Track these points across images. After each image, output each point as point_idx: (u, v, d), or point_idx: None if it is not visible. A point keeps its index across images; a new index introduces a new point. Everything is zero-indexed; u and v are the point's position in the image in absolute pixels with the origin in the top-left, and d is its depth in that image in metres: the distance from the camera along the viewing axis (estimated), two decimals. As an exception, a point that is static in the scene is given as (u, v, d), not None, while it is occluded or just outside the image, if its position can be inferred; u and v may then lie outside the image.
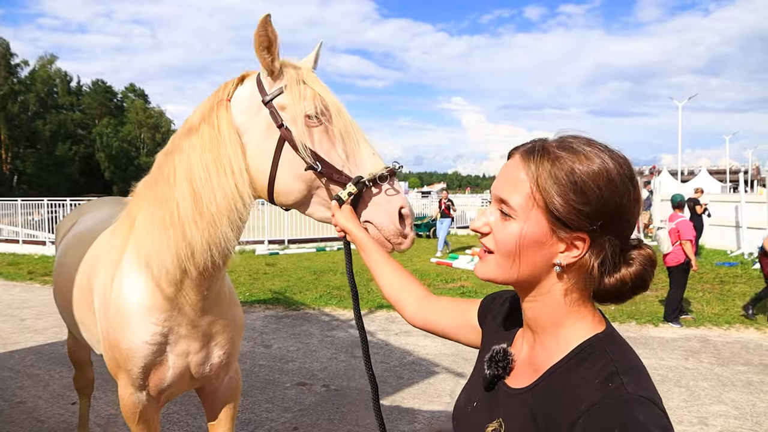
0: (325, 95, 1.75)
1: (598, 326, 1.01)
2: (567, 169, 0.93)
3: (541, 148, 0.97)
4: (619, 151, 0.98)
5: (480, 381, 1.13)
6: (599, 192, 0.92)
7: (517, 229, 0.97)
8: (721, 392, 5.35)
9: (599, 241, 0.96)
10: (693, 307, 8.73)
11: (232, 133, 1.81)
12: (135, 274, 2.08)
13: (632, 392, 0.87)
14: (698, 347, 6.86)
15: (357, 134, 1.73)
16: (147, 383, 2.18)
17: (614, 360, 0.93)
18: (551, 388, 0.97)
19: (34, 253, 16.19)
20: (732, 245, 15.15)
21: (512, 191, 0.98)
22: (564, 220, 0.94)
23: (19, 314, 8.71)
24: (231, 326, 2.30)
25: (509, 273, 1.01)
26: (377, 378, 5.59)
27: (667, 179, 29.52)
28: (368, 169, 1.67)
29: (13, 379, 5.70)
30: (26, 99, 57.73)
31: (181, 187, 1.86)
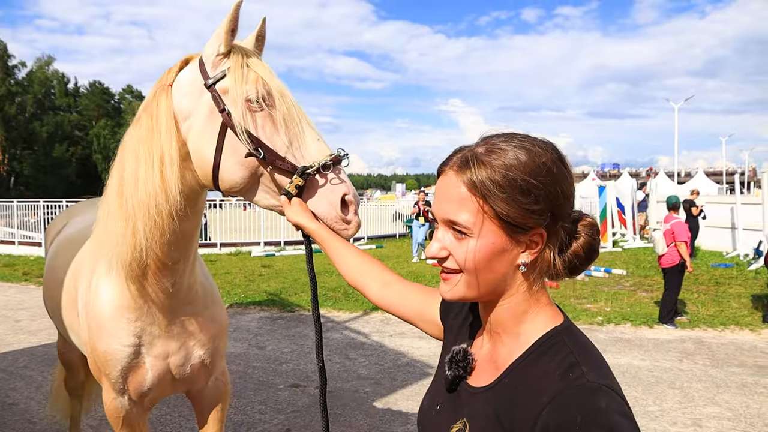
0: (268, 79, 1.69)
1: (555, 319, 1.02)
2: (504, 172, 0.92)
3: (473, 158, 0.95)
4: (541, 137, 1.00)
5: (442, 383, 1.13)
6: (542, 186, 0.93)
7: (476, 245, 0.95)
8: (715, 394, 5.35)
9: (554, 230, 0.98)
10: (688, 309, 8.74)
11: (169, 121, 1.77)
12: (106, 276, 2.08)
13: (593, 381, 0.89)
14: (693, 349, 6.87)
15: (301, 119, 1.68)
16: (127, 387, 2.16)
17: (573, 351, 0.95)
18: (513, 384, 0.97)
19: (30, 255, 16.14)
20: (728, 247, 15.16)
21: (458, 209, 0.96)
22: (517, 223, 0.94)
23: (14, 315, 8.68)
24: (209, 325, 2.27)
25: (479, 289, 1.00)
26: (371, 380, 5.55)
27: (663, 181, 29.61)
28: (313, 156, 1.61)
29: (6, 380, 5.68)
30: (23, 100, 57.66)
31: (112, 181, 1.89)
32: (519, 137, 0.98)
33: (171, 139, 1.78)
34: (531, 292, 1.01)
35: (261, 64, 1.73)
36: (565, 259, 1.01)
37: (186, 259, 2.03)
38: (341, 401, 5.11)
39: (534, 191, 0.93)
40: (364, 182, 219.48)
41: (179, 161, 1.78)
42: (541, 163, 0.94)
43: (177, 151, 1.78)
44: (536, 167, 0.93)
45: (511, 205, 0.92)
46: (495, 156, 0.94)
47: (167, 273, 1.99)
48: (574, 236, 1.01)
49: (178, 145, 1.78)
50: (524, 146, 0.95)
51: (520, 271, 0.99)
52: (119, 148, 1.93)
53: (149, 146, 1.80)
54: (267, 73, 1.71)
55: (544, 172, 0.93)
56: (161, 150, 1.77)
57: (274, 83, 1.69)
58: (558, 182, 0.95)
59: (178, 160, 1.78)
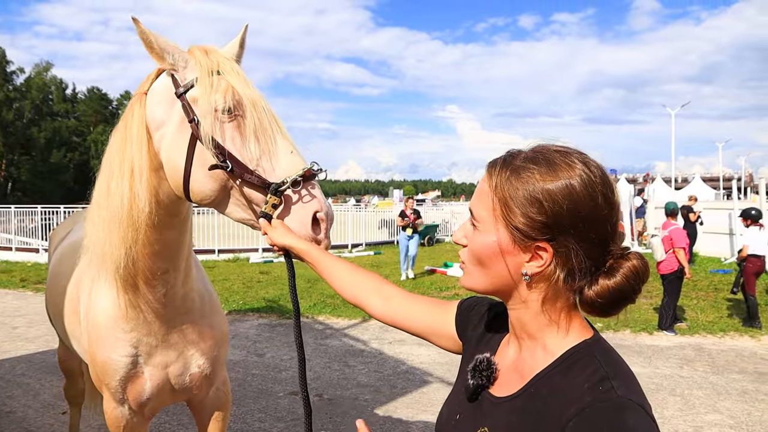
0: (240, 87, 1.61)
1: (585, 333, 1.00)
2: (521, 177, 0.95)
3: (503, 161, 1.00)
4: (594, 162, 0.96)
5: (462, 392, 1.12)
6: (554, 201, 0.92)
7: (482, 238, 1.00)
8: (716, 401, 5.34)
9: (563, 251, 0.94)
10: (687, 315, 8.73)
11: (141, 130, 1.75)
12: (102, 285, 2.08)
13: (622, 396, 0.87)
14: (693, 355, 6.86)
15: (274, 130, 1.59)
16: (126, 397, 2.16)
17: (603, 365, 0.93)
18: (539, 394, 0.96)
19: (27, 261, 16.07)
20: (726, 252, 15.18)
21: (478, 204, 1.01)
22: (519, 229, 0.95)
23: (11, 322, 8.64)
24: (209, 334, 2.26)
25: (482, 282, 1.03)
26: (371, 387, 5.53)
27: (660, 187, 29.68)
28: (284, 170, 1.53)
29: (3, 388, 5.64)
30: (21, 106, 57.55)
31: (95, 190, 1.90)
32: (569, 152, 0.97)
33: (141, 149, 1.75)
34: (547, 308, 0.99)
35: (234, 70, 1.66)
36: (591, 294, 0.95)
37: (175, 269, 2.01)
38: (341, 409, 5.08)
39: (543, 203, 0.92)
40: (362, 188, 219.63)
41: (150, 172, 1.75)
42: (565, 178, 0.93)
43: (148, 162, 1.75)
44: (557, 182, 0.93)
45: (517, 209, 0.95)
46: (529, 163, 0.96)
47: (157, 283, 1.98)
48: (609, 273, 0.95)
49: (149, 156, 1.75)
50: (564, 160, 0.95)
51: (524, 281, 0.98)
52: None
53: (122, 156, 1.78)
54: (239, 81, 1.63)
55: (563, 189, 0.92)
56: (131, 160, 1.75)
57: (246, 92, 1.61)
58: (575, 203, 0.92)
59: (148, 170, 1.75)
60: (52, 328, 8.35)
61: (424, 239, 20.47)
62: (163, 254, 1.91)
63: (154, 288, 1.98)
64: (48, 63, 63.89)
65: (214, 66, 1.64)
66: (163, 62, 1.69)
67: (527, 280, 0.98)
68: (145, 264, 1.90)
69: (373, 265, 14.98)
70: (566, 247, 0.94)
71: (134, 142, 1.75)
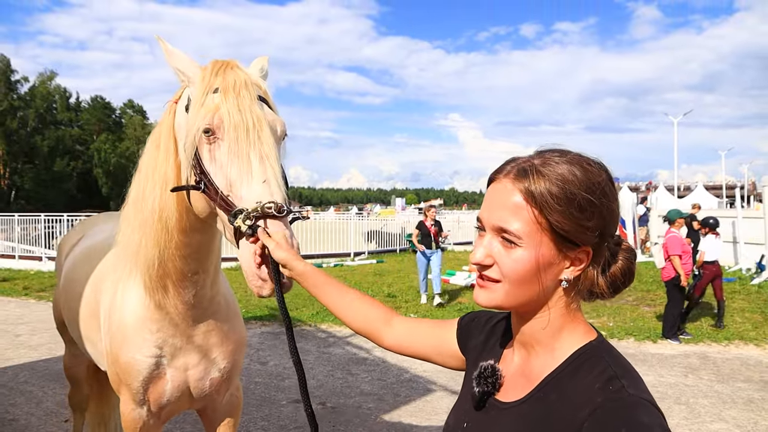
0: (229, 108, 1.53)
1: (589, 335, 1.02)
2: (562, 186, 0.93)
3: (532, 168, 0.95)
4: (593, 156, 1.01)
5: (468, 401, 1.11)
6: (598, 203, 0.94)
7: (525, 255, 0.94)
8: (722, 409, 5.30)
9: (600, 249, 0.99)
10: (691, 323, 8.69)
11: (168, 139, 1.79)
12: (130, 287, 2.11)
13: (634, 394, 0.88)
14: (698, 364, 6.82)
15: (250, 155, 1.49)
16: (147, 398, 2.17)
17: (611, 365, 0.94)
18: (548, 397, 0.96)
19: (30, 269, 16.08)
20: (729, 261, 15.13)
21: (512, 218, 0.95)
22: (571, 238, 0.94)
23: (14, 330, 8.63)
24: (230, 339, 2.26)
25: (518, 300, 0.99)
26: (374, 396, 5.50)
27: (663, 195, 29.63)
28: (252, 199, 1.44)
29: (5, 396, 5.62)
30: (25, 115, 57.90)
31: (131, 192, 1.97)
32: (572, 154, 0.99)
33: (168, 157, 1.78)
34: (569, 309, 1.01)
35: (234, 91, 1.56)
36: (605, 281, 1.01)
37: (205, 271, 2.04)
38: (344, 417, 5.06)
39: (590, 208, 0.94)
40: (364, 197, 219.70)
41: (176, 180, 1.77)
42: (596, 181, 0.96)
43: (174, 170, 1.77)
44: (592, 185, 0.94)
45: (567, 219, 0.93)
46: (551, 169, 0.95)
47: (188, 284, 2.00)
48: (614, 259, 1.02)
49: (175, 164, 1.77)
50: (579, 163, 0.97)
51: (562, 287, 0.99)
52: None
53: (154, 163, 1.83)
54: (233, 101, 1.54)
55: (599, 190, 0.95)
56: (161, 167, 1.80)
57: (232, 114, 1.52)
58: (609, 202, 0.97)
59: (174, 179, 1.77)
60: (55, 336, 8.31)
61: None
62: (194, 257, 1.94)
63: (185, 289, 2.01)
64: (52, 72, 64.53)
65: (213, 84, 1.59)
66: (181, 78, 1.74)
67: (565, 286, 0.98)
68: (176, 265, 1.93)
69: (376, 274, 14.97)
70: (602, 245, 0.98)
71: (162, 150, 1.80)
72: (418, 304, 10.49)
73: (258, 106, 1.57)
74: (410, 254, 20.39)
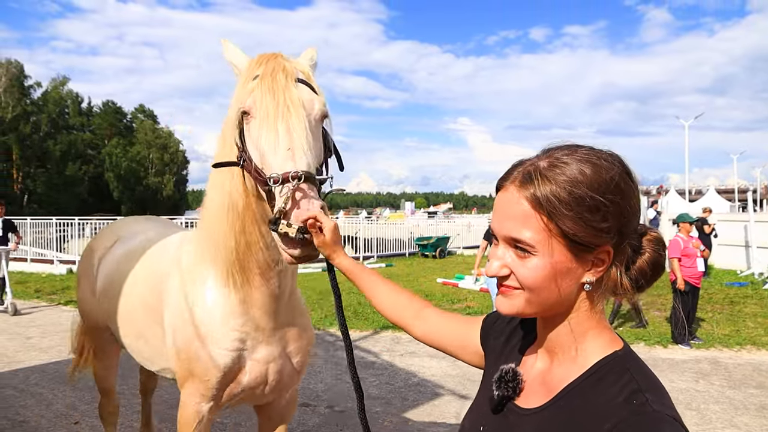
0: (263, 90, 1.64)
1: (615, 344, 0.98)
2: (570, 188, 0.88)
3: (536, 173, 0.91)
4: (606, 149, 0.96)
5: (486, 404, 1.09)
6: (611, 203, 0.89)
7: (540, 263, 0.91)
8: (734, 416, 5.24)
9: (621, 247, 0.94)
10: (703, 328, 8.60)
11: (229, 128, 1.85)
12: (211, 282, 2.15)
13: (658, 410, 0.85)
14: (709, 369, 6.75)
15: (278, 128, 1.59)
16: (219, 391, 2.20)
17: (636, 378, 0.91)
18: (569, 407, 0.94)
19: (42, 272, 16.23)
20: (742, 265, 14.98)
21: (522, 227, 0.91)
22: (584, 242, 0.90)
23: (25, 332, 8.71)
24: (304, 334, 2.34)
25: (540, 306, 0.96)
26: (382, 399, 5.47)
27: (674, 199, 29.38)
28: (277, 165, 1.56)
29: (16, 397, 5.67)
30: (38, 120, 58.47)
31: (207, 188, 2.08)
32: (583, 150, 0.94)
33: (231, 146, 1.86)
34: (593, 312, 0.98)
35: (271, 76, 1.67)
36: (631, 276, 0.96)
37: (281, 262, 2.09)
38: (352, 420, 5.05)
39: (602, 208, 0.88)
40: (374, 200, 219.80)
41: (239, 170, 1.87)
42: (608, 178, 0.89)
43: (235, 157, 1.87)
44: (603, 183, 0.89)
45: (578, 223, 0.88)
46: (559, 170, 0.90)
47: (272, 275, 2.05)
48: (639, 252, 0.97)
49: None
50: (589, 160, 0.91)
51: (585, 290, 0.95)
52: None
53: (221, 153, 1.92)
54: (268, 85, 1.65)
55: (612, 187, 0.89)
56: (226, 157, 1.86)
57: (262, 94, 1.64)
58: (626, 198, 0.91)
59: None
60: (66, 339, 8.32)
61: (436, 251, 20.44)
62: (273, 246, 1.95)
63: (269, 281, 2.06)
64: (64, 77, 65.23)
65: (255, 72, 1.71)
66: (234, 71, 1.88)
67: (588, 289, 0.95)
68: (259, 256, 1.98)
69: (385, 277, 14.94)
70: (623, 242, 0.94)
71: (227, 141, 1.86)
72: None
73: (293, 87, 1.67)
74: (419, 258, 20.39)
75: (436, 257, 20.31)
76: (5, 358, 7.19)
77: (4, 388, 5.98)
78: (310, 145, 1.60)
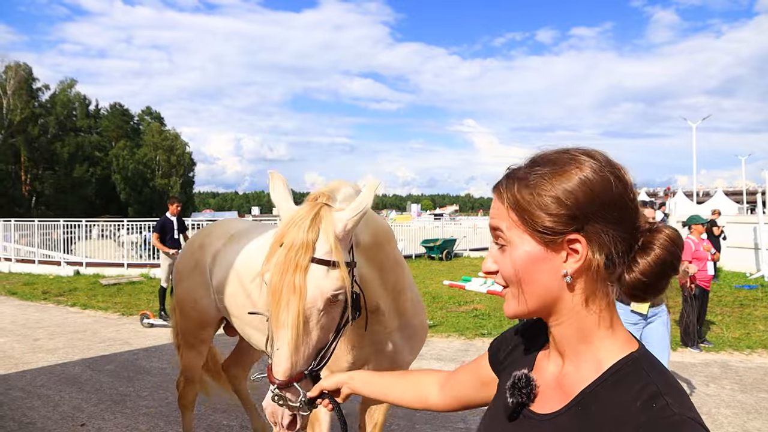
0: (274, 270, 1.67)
1: (630, 345, 0.96)
2: (535, 182, 0.94)
3: (506, 176, 1.00)
4: (593, 149, 0.98)
5: (501, 412, 1.07)
6: (574, 193, 0.91)
7: (514, 254, 0.97)
8: (746, 420, 5.17)
9: (595, 237, 0.92)
10: (712, 331, 8.53)
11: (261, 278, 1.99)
12: None
13: (680, 413, 0.83)
14: (719, 373, 6.68)
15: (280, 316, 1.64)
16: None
17: (654, 380, 0.88)
18: (587, 411, 0.91)
19: (50, 273, 16.32)
20: (751, 267, 14.87)
21: (496, 222, 1.00)
22: (547, 228, 0.92)
23: (33, 334, 8.74)
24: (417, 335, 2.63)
25: (527, 303, 0.97)
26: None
27: (682, 200, 29.25)
28: (271, 358, 1.66)
29: (23, 399, 5.68)
30: (46, 122, 58.97)
31: None
32: (567, 149, 0.98)
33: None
34: (592, 308, 0.96)
35: (286, 256, 1.65)
36: (635, 275, 0.94)
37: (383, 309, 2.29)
38: (357, 424, 5.01)
39: (561, 197, 0.92)
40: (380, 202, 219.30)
41: None
42: (575, 172, 0.93)
43: None
44: (569, 176, 0.93)
45: (534, 208, 0.93)
46: (527, 169, 0.97)
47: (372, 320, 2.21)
48: (645, 249, 0.94)
49: None
50: (560, 157, 0.96)
51: (567, 282, 0.94)
52: None
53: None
54: (278, 266, 1.65)
55: (576, 179, 0.92)
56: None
57: (272, 276, 1.66)
58: (593, 188, 0.91)
59: None
60: (73, 340, 8.39)
61: (442, 253, 20.41)
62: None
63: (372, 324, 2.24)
64: (72, 80, 65.85)
65: (283, 236, 1.70)
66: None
67: (569, 281, 0.94)
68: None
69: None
70: (596, 232, 0.92)
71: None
72: (433, 310, 10.43)
73: (301, 275, 1.64)
74: (426, 260, 20.37)
75: (442, 259, 20.28)
76: (13, 359, 7.22)
77: (11, 389, 5.99)
78: (297, 345, 1.62)
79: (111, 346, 7.88)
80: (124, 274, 15.69)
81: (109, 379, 6.35)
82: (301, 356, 1.63)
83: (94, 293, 12.82)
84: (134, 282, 14.57)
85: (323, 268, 1.67)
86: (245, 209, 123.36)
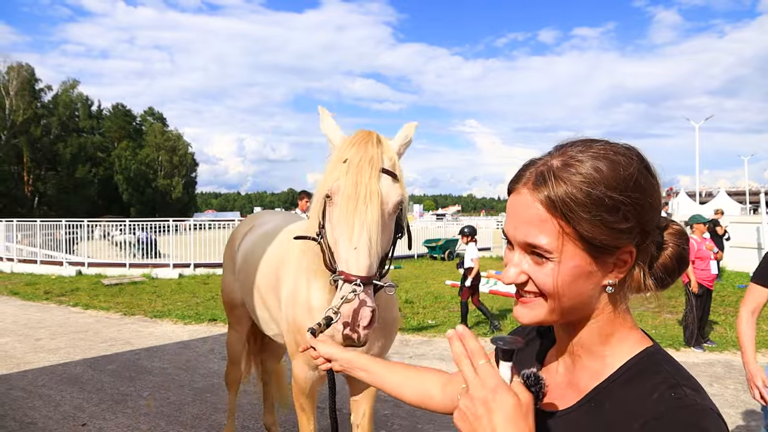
0: (348, 176, 1.81)
1: (644, 342, 0.94)
2: (587, 189, 0.83)
3: (549, 173, 0.86)
4: (623, 143, 0.90)
5: None
6: (630, 201, 0.84)
7: (558, 269, 0.86)
8: (750, 420, 5.15)
9: (644, 246, 0.89)
10: (716, 331, 8.49)
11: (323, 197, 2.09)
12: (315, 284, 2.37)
13: (700, 402, 0.81)
14: (723, 373, 6.65)
15: (354, 222, 1.77)
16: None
17: (672, 374, 0.86)
18: (601, 407, 0.89)
19: (52, 274, 16.33)
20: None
21: (537, 232, 0.86)
22: (604, 244, 0.85)
23: (34, 334, 8.73)
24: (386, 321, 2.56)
25: (561, 313, 0.91)
26: (390, 402, 5.41)
27: (685, 201, 29.19)
28: (342, 261, 1.78)
29: (25, 399, 5.67)
30: (49, 123, 59.08)
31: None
32: (598, 145, 0.88)
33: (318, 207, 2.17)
34: (617, 313, 0.93)
35: (357, 164, 1.83)
36: (654, 273, 0.91)
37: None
38: (360, 424, 5.00)
39: (622, 208, 0.83)
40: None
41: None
42: (627, 174, 0.84)
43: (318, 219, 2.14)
44: (622, 180, 0.84)
45: (597, 226, 0.83)
46: (573, 169, 0.85)
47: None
48: (662, 247, 0.92)
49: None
50: (605, 156, 0.86)
51: (607, 292, 0.90)
52: None
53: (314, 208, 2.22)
54: (354, 171, 1.82)
55: (632, 185, 0.84)
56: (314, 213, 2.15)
57: (348, 182, 1.81)
58: (647, 194, 0.86)
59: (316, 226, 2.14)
60: (74, 340, 8.40)
61: (445, 253, 20.39)
62: None
63: None
64: (75, 80, 65.94)
65: (345, 155, 1.88)
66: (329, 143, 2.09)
67: (611, 291, 0.89)
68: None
69: (394, 280, 14.90)
70: (645, 241, 0.88)
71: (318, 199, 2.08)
72: (435, 310, 10.40)
73: (375, 180, 1.83)
74: (428, 260, 20.34)
75: (444, 259, 20.27)
76: (14, 359, 7.21)
77: (12, 389, 5.99)
78: (375, 244, 1.78)
79: (112, 346, 7.87)
80: (126, 274, 15.71)
81: (111, 379, 6.34)
82: (375, 257, 1.78)
83: (95, 293, 12.82)
84: (136, 282, 14.57)
85: (389, 177, 1.88)
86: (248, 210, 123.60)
